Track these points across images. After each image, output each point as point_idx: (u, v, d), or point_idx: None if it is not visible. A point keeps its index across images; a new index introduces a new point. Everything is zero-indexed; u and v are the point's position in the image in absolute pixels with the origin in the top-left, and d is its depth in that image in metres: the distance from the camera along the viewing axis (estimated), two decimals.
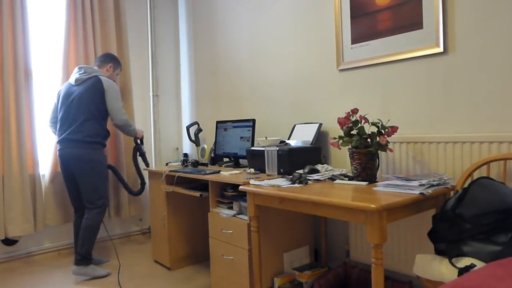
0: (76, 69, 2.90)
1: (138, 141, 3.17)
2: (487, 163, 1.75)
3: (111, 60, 3.01)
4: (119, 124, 2.86)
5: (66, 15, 3.32)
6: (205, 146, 3.31)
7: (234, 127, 3.01)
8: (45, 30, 3.36)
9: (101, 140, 2.86)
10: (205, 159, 3.28)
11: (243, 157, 2.82)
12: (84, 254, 2.75)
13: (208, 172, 2.53)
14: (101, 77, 2.84)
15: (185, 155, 3.68)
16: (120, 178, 3.22)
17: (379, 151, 2.02)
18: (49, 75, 3.38)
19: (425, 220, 2.01)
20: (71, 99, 2.82)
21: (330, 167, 2.30)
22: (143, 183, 3.32)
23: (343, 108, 2.48)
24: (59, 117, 2.89)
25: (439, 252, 1.57)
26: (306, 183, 2.00)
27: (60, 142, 2.83)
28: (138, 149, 3.20)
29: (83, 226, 2.77)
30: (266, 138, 2.63)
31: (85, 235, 2.76)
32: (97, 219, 2.80)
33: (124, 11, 3.61)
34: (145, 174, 3.75)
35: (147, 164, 3.25)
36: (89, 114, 2.78)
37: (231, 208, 2.34)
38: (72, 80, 2.88)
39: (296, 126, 2.68)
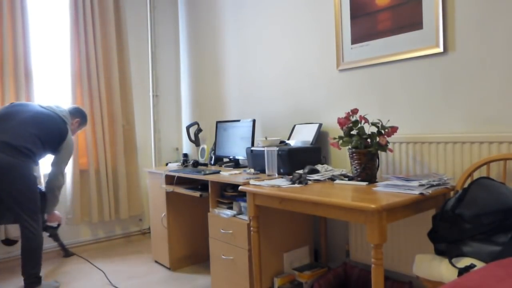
0: (55, 104, 2.79)
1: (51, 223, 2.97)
2: (487, 163, 1.75)
3: (80, 116, 2.89)
4: (51, 186, 2.66)
5: (66, 15, 3.33)
6: (205, 146, 3.31)
7: (234, 127, 3.00)
8: (45, 30, 3.36)
9: (34, 157, 2.53)
10: (205, 159, 3.28)
11: (243, 157, 2.81)
12: (35, 275, 2.53)
13: (208, 172, 2.53)
14: (69, 132, 2.70)
15: (185, 155, 3.68)
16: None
17: (379, 151, 2.02)
18: (49, 76, 3.38)
19: (425, 220, 2.01)
20: (35, 111, 2.61)
21: (330, 167, 2.30)
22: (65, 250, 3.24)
23: (343, 108, 2.48)
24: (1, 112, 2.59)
25: (439, 252, 1.57)
26: (306, 183, 2.00)
27: None
28: (50, 233, 3.06)
29: (29, 247, 2.49)
30: (266, 138, 2.63)
31: (34, 255, 2.51)
32: (41, 234, 2.57)
33: (124, 11, 3.61)
34: (145, 175, 3.75)
35: (66, 253, 3.18)
36: (41, 136, 2.55)
37: (231, 208, 2.34)
38: (42, 104, 2.73)
39: (296, 126, 2.68)
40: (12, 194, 2.45)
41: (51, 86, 3.39)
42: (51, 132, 2.61)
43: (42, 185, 2.86)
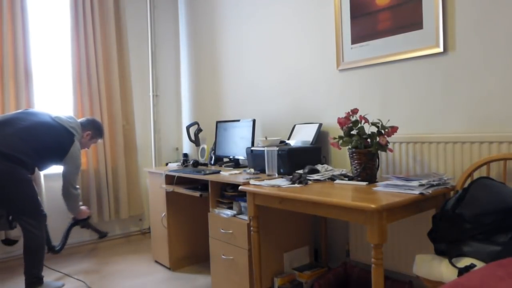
0: (69, 115, 2.76)
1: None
2: (487, 163, 1.75)
3: (92, 129, 2.83)
4: (65, 196, 2.69)
5: (66, 16, 3.33)
6: (205, 146, 3.31)
7: (234, 127, 3.00)
8: (45, 31, 3.36)
9: (26, 166, 2.49)
10: (205, 159, 3.28)
11: (243, 157, 2.82)
12: (36, 275, 2.51)
13: (208, 172, 2.53)
14: (74, 144, 2.64)
15: (185, 155, 3.68)
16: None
17: (379, 151, 2.02)
18: (49, 76, 3.38)
19: (425, 220, 2.01)
20: (37, 121, 2.57)
21: (330, 167, 2.30)
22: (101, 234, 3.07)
23: (343, 108, 2.48)
24: (3, 117, 2.56)
25: (439, 252, 1.57)
26: (306, 183, 2.00)
27: None
28: (82, 225, 2.96)
29: (28, 247, 2.48)
30: (266, 138, 2.63)
31: (34, 255, 2.49)
32: (40, 235, 2.53)
33: (124, 11, 3.61)
34: (145, 174, 3.75)
35: (101, 234, 3.01)
36: (39, 149, 2.51)
37: (231, 208, 2.34)
38: (53, 114, 2.70)
39: (296, 126, 2.68)
40: (5, 198, 2.45)
41: (51, 86, 3.39)
42: (49, 144, 2.55)
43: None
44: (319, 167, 2.28)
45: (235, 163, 2.95)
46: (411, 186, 1.67)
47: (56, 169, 3.39)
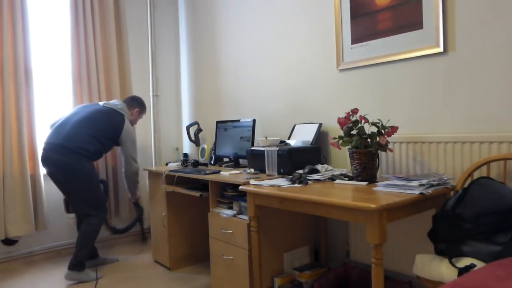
0: (115, 99, 3.11)
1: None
2: (487, 163, 1.75)
3: (138, 106, 3.15)
4: (127, 174, 3.00)
5: (66, 15, 3.33)
6: (205, 146, 3.31)
7: (234, 127, 3.00)
8: (45, 30, 3.36)
9: (91, 155, 2.80)
10: (205, 159, 3.28)
11: (243, 157, 2.81)
12: (80, 259, 2.73)
13: (208, 172, 2.53)
14: (125, 123, 2.94)
15: (185, 155, 3.68)
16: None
17: (379, 151, 2.02)
18: (49, 76, 3.38)
19: (425, 220, 2.01)
20: (88, 112, 2.88)
21: (330, 167, 2.30)
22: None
23: (343, 108, 2.48)
24: (63, 117, 2.90)
25: (439, 252, 1.57)
26: (306, 183, 2.00)
27: (51, 144, 2.76)
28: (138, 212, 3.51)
29: (82, 232, 2.77)
30: (266, 138, 2.63)
31: (83, 240, 2.75)
32: (98, 227, 2.81)
33: (124, 11, 3.61)
34: (145, 174, 3.75)
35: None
36: (96, 133, 2.81)
37: (231, 208, 2.34)
38: (101, 102, 3.02)
39: (296, 126, 2.68)
40: (72, 188, 2.75)
41: (51, 86, 3.39)
42: (105, 128, 2.86)
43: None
44: (319, 167, 2.28)
45: (235, 163, 2.95)
46: (411, 186, 1.67)
47: None
